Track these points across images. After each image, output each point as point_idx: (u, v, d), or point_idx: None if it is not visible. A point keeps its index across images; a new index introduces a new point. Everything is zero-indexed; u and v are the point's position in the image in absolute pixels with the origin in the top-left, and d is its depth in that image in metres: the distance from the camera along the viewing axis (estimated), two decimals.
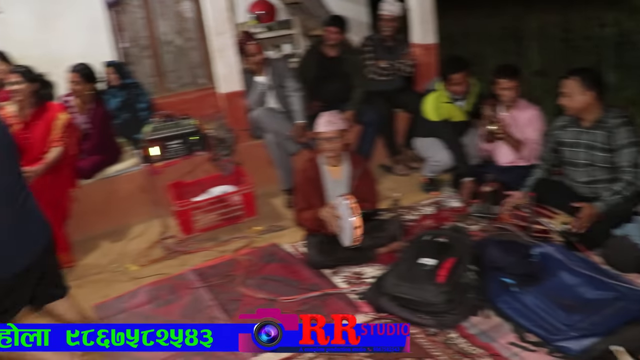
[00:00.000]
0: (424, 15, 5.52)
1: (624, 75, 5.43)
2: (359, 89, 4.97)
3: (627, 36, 5.32)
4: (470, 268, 2.86)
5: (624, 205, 3.33)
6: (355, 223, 3.13)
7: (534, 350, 2.58)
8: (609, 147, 3.44)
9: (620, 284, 2.76)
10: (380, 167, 5.22)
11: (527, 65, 6.61)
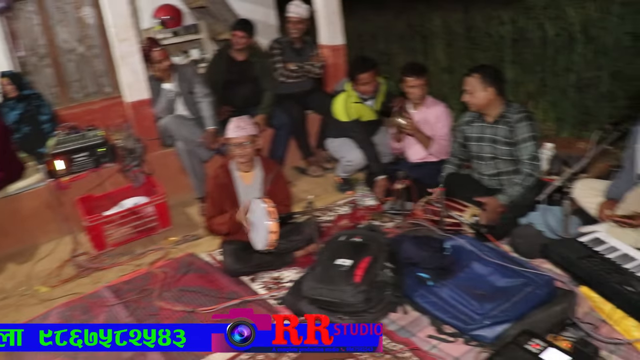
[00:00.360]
0: (331, 17, 5.56)
1: (522, 71, 5.67)
2: (269, 92, 4.96)
3: (523, 34, 5.55)
4: (386, 266, 2.88)
5: (527, 195, 3.49)
6: (271, 227, 3.10)
7: (452, 341, 2.66)
8: (511, 140, 3.59)
9: (527, 270, 2.86)
10: (294, 169, 5.23)
11: (434, 63, 6.80)
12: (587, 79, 5.06)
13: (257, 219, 3.24)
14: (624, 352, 2.46)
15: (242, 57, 4.98)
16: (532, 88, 5.58)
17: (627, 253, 2.82)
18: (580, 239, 2.97)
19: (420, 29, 7.01)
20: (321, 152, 5.18)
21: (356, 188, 4.66)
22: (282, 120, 4.97)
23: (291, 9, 5.11)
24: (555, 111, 5.41)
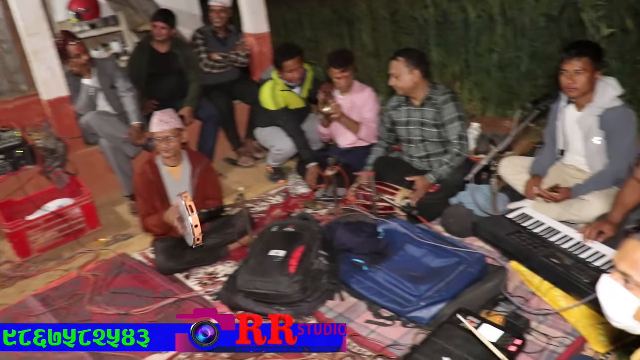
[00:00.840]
0: (255, 5, 5.47)
1: (447, 53, 5.77)
2: (195, 84, 4.84)
3: (446, 16, 5.64)
4: (320, 254, 2.87)
5: (456, 176, 3.55)
6: (193, 222, 3.02)
7: (390, 325, 2.68)
8: (439, 122, 3.65)
9: (460, 250, 2.92)
10: (225, 161, 5.15)
11: (361, 48, 6.82)
12: (508, 59, 5.19)
13: (184, 216, 3.16)
14: (552, 322, 2.55)
15: (164, 49, 4.84)
16: (457, 69, 5.69)
17: (552, 226, 2.92)
18: (508, 216, 3.06)
19: (346, 14, 7.02)
20: (251, 142, 5.11)
21: (288, 177, 4.62)
22: (209, 111, 4.87)
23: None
24: (480, 91, 5.53)
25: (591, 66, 3.03)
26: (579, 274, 2.48)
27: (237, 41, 5.20)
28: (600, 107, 3.10)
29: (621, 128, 3.06)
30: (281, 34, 7.98)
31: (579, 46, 3.08)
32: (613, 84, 3.13)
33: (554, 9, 4.70)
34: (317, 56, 7.23)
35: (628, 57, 4.45)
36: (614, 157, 3.12)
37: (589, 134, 3.19)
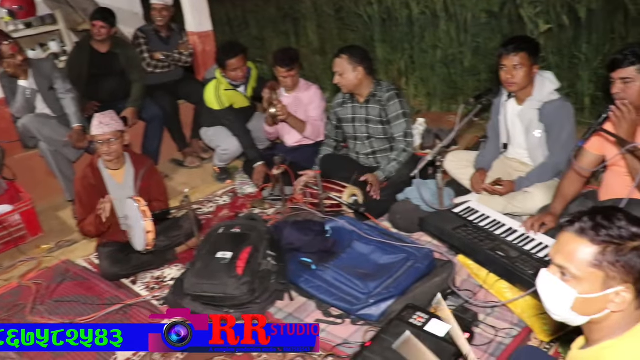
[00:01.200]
0: (197, 3, 5.39)
1: (392, 49, 5.82)
2: (138, 84, 4.73)
3: (390, 13, 5.69)
4: (268, 254, 2.85)
5: (403, 171, 3.58)
6: (146, 227, 2.95)
7: (339, 323, 2.67)
8: (384, 119, 3.66)
9: (407, 245, 2.94)
10: (171, 162, 5.06)
11: (306, 45, 6.82)
12: (452, 55, 5.27)
13: (133, 220, 3.08)
14: (499, 314, 2.59)
15: (105, 49, 4.71)
16: (402, 65, 5.74)
17: (496, 219, 2.97)
18: (454, 210, 3.10)
19: (291, 12, 7.00)
20: (197, 142, 5.05)
21: (235, 177, 4.58)
22: (153, 112, 4.78)
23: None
24: (425, 87, 5.60)
25: (529, 61, 3.10)
26: (523, 265, 2.53)
27: (180, 40, 5.11)
28: (539, 100, 3.17)
29: (559, 121, 3.14)
30: (226, 32, 7.90)
31: (516, 41, 3.15)
32: (550, 78, 3.21)
33: (495, 5, 4.80)
34: (263, 54, 7.19)
35: (565, 52, 4.58)
36: (553, 149, 3.20)
37: (529, 127, 3.26)
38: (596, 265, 1.28)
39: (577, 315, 1.35)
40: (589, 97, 4.54)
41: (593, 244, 1.28)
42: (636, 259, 1.26)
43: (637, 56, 2.40)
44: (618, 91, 2.47)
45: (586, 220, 1.31)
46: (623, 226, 1.28)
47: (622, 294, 1.28)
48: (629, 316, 1.32)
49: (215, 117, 4.35)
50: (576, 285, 1.32)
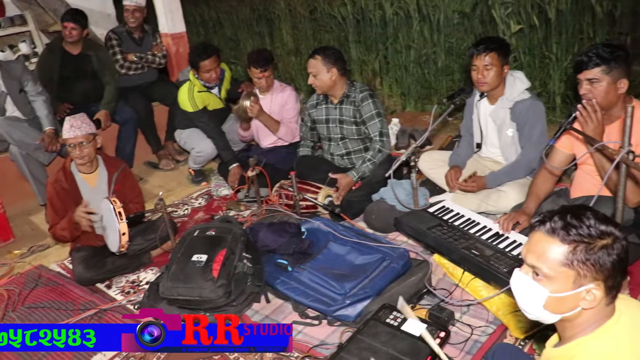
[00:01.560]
0: (170, 4, 5.37)
1: (366, 50, 5.84)
2: (110, 86, 4.68)
3: (364, 13, 5.71)
4: (244, 256, 2.83)
5: (377, 172, 3.59)
6: (121, 229, 2.92)
7: (316, 324, 2.66)
8: (358, 120, 3.67)
9: (383, 245, 2.95)
10: (145, 164, 5.03)
11: (281, 46, 6.82)
12: (425, 55, 5.30)
13: (108, 221, 3.05)
14: (474, 312, 2.61)
15: (76, 50, 4.66)
16: (376, 66, 5.77)
17: (471, 218, 2.99)
18: (429, 210, 3.11)
19: (265, 13, 7.00)
20: (171, 144, 5.02)
21: (210, 179, 4.56)
22: (127, 114, 4.74)
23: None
24: (399, 87, 5.64)
25: (499, 61, 3.15)
26: (498, 263, 2.55)
27: (154, 41, 5.07)
28: (511, 99, 3.22)
29: (531, 119, 3.19)
30: (200, 33, 7.88)
31: (486, 42, 3.19)
32: (521, 77, 3.26)
33: (467, 6, 4.85)
34: (237, 55, 7.19)
35: (536, 52, 4.64)
36: (525, 147, 3.24)
37: (502, 126, 3.30)
38: (567, 265, 1.30)
39: (550, 314, 1.37)
40: (560, 96, 4.62)
41: (564, 244, 1.30)
42: (606, 256, 1.28)
43: (601, 57, 2.44)
44: (585, 92, 2.52)
45: (557, 220, 1.33)
46: (592, 225, 1.30)
47: (593, 291, 1.30)
48: (599, 312, 1.34)
49: (189, 119, 4.32)
50: (548, 285, 1.34)
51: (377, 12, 5.58)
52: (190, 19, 7.88)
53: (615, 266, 1.29)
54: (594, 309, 1.33)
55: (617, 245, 1.29)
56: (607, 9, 4.58)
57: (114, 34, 4.96)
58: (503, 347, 2.16)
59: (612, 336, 1.32)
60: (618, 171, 2.04)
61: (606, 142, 2.34)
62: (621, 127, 1.97)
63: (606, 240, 1.28)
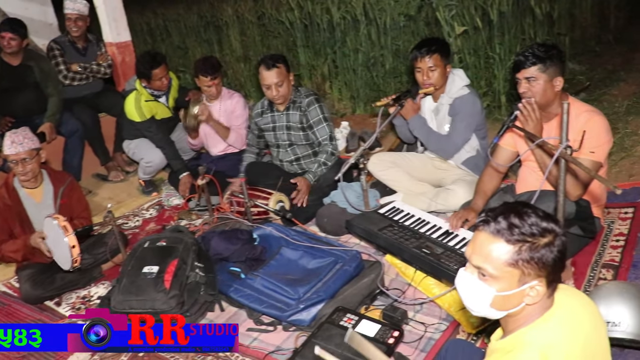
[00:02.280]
0: (114, 12, 5.27)
1: (315, 55, 5.86)
2: (54, 97, 4.55)
3: (312, 18, 5.73)
4: (196, 265, 2.80)
5: (328, 175, 3.61)
6: (70, 242, 2.86)
7: (271, 330, 2.65)
8: (305, 125, 3.68)
9: (335, 248, 2.96)
10: (94, 177, 4.92)
11: (230, 53, 6.78)
12: (373, 57, 5.35)
13: (55, 239, 2.97)
14: (427, 310, 2.64)
15: (16, 61, 4.51)
16: (325, 70, 5.79)
17: (421, 217, 3.03)
18: (379, 211, 3.14)
19: (213, 20, 6.95)
20: (120, 155, 4.92)
21: (161, 189, 4.51)
22: (72, 126, 4.61)
23: (67, 5, 4.71)
24: (349, 90, 5.68)
25: (442, 61, 3.24)
26: (448, 261, 2.59)
27: (98, 51, 4.97)
28: (450, 96, 3.31)
29: (463, 111, 3.29)
30: (147, 41, 7.77)
31: (428, 44, 3.26)
32: (460, 75, 3.35)
33: (412, 9, 4.91)
34: (186, 63, 7.11)
35: (481, 53, 4.74)
36: (450, 133, 3.34)
37: (442, 122, 3.39)
38: (513, 264, 1.32)
39: (496, 311, 1.40)
40: (504, 94, 4.73)
41: (509, 244, 1.32)
42: (548, 253, 1.31)
43: (537, 57, 2.52)
44: (524, 90, 2.59)
45: (500, 220, 1.34)
46: (534, 223, 1.32)
47: (536, 287, 1.33)
48: (541, 305, 1.38)
49: (137, 129, 4.25)
50: (494, 284, 1.36)
51: (325, 17, 5.60)
52: (137, 27, 7.77)
53: (557, 262, 1.32)
54: (536, 303, 1.36)
55: (557, 241, 1.32)
56: (546, 10, 4.73)
57: (56, 43, 4.82)
58: (455, 342, 2.18)
59: (549, 326, 1.36)
60: (558, 166, 2.10)
61: (546, 138, 2.41)
62: (559, 123, 2.02)
63: (548, 237, 1.32)
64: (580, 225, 2.60)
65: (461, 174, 3.44)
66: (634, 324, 2.04)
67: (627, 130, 3.93)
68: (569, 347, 1.33)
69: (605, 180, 1.86)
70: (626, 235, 2.91)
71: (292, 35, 6.03)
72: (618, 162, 3.63)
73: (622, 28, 6.72)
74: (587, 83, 5.05)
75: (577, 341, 1.35)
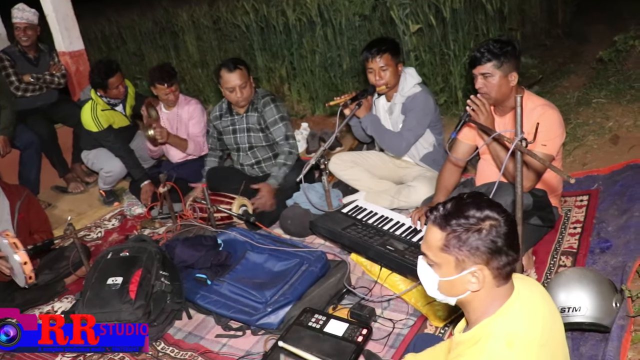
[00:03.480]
0: (65, 21, 5.17)
1: (272, 57, 5.86)
2: (6, 110, 4.42)
3: (267, 21, 5.72)
4: (161, 274, 2.76)
5: (290, 177, 3.61)
6: (21, 259, 2.79)
7: (240, 336, 2.64)
8: (263, 126, 3.67)
9: (300, 250, 2.97)
10: (53, 189, 4.82)
11: (186, 58, 6.73)
12: (330, 58, 5.38)
13: (9, 257, 2.90)
14: (395, 306, 2.67)
15: None
16: (283, 72, 5.79)
17: (384, 215, 3.06)
18: (343, 210, 3.15)
19: (168, 25, 6.89)
20: (79, 166, 4.84)
21: (122, 198, 4.44)
22: (28, 138, 4.50)
23: (15, 14, 4.61)
24: (307, 91, 5.69)
25: (393, 60, 3.26)
26: (412, 257, 2.61)
27: (51, 60, 4.86)
28: (403, 95, 3.35)
29: (415, 108, 3.33)
30: (102, 49, 7.66)
31: (378, 44, 3.28)
32: (412, 73, 3.39)
33: (366, 8, 4.95)
34: (142, 70, 7.03)
35: (436, 50, 4.81)
36: (402, 129, 3.38)
37: (396, 121, 3.43)
38: (445, 250, 1.38)
39: (446, 297, 1.47)
40: (461, 90, 4.80)
41: (441, 231, 1.38)
42: (478, 241, 1.35)
43: (492, 53, 2.57)
44: (480, 86, 2.64)
45: (439, 209, 1.41)
46: (467, 212, 1.37)
47: (476, 274, 1.37)
48: (494, 294, 1.41)
49: (95, 139, 4.19)
50: (437, 270, 1.44)
51: (280, 19, 5.60)
52: (91, 35, 7.65)
53: (493, 250, 1.35)
54: (485, 291, 1.40)
55: (492, 230, 1.35)
56: (497, 6, 4.82)
57: (6, 54, 4.69)
58: (423, 337, 2.22)
59: (511, 315, 1.40)
60: (512, 158, 2.15)
61: (501, 131, 2.47)
62: (515, 117, 2.07)
63: (479, 225, 1.35)
64: (539, 215, 2.66)
65: (421, 171, 3.48)
66: (593, 308, 2.10)
67: (579, 120, 4.04)
68: (529, 333, 1.37)
69: (559, 170, 1.90)
70: (582, 222, 3.00)
71: (248, 39, 6.02)
72: (572, 151, 3.72)
73: (569, 22, 6.92)
74: (540, 76, 5.17)
75: (536, 327, 1.39)
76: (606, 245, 2.70)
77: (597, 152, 3.65)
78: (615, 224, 2.83)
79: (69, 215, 3.71)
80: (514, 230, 1.39)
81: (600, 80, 4.61)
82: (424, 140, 3.43)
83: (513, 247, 1.38)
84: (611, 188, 3.19)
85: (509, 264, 1.38)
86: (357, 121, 3.56)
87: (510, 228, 1.37)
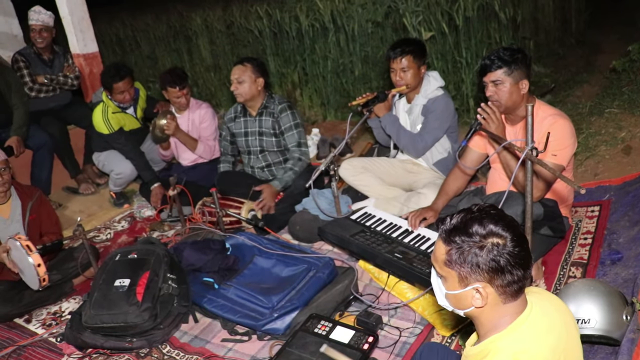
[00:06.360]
0: (80, 24, 5.20)
1: (285, 62, 5.88)
2: (21, 110, 4.46)
3: (281, 27, 5.74)
4: (168, 277, 2.77)
5: (299, 183, 3.61)
6: (35, 261, 2.81)
7: (246, 340, 2.64)
8: (277, 131, 3.68)
9: (308, 256, 2.96)
10: (64, 190, 4.85)
11: (200, 62, 6.76)
12: (342, 64, 5.38)
13: (21, 259, 2.92)
14: (402, 314, 2.66)
15: None
16: (295, 78, 5.80)
17: (393, 222, 3.04)
18: (351, 217, 3.14)
19: (182, 29, 6.93)
20: (90, 167, 4.87)
21: (132, 200, 4.46)
22: (40, 139, 4.54)
23: (32, 16, 4.65)
24: (319, 97, 5.70)
25: (415, 62, 3.27)
26: (420, 265, 2.59)
27: (65, 62, 4.90)
28: (425, 97, 3.36)
29: (436, 110, 3.33)
30: (117, 52, 7.72)
31: (402, 45, 3.29)
32: (435, 76, 3.40)
33: (379, 15, 4.95)
34: (155, 73, 7.07)
35: (449, 57, 4.80)
36: (421, 131, 3.38)
37: (415, 122, 3.42)
38: (448, 265, 1.37)
39: (454, 309, 1.46)
40: (472, 98, 4.79)
41: (445, 245, 1.37)
42: (479, 259, 1.32)
43: (502, 60, 2.56)
44: (491, 93, 2.62)
45: (447, 222, 1.39)
46: (471, 228, 1.33)
47: (480, 290, 1.35)
48: (502, 311, 1.38)
49: (106, 141, 4.22)
50: (444, 283, 1.42)
51: (294, 25, 5.62)
52: (106, 38, 7.71)
53: (494, 268, 1.31)
54: (490, 307, 1.37)
55: (494, 248, 1.31)
56: (510, 15, 4.81)
57: (21, 55, 4.74)
58: (430, 346, 2.19)
59: (521, 332, 1.37)
60: (522, 168, 2.13)
61: (512, 140, 2.45)
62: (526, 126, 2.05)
63: (481, 243, 1.32)
64: (550, 225, 2.64)
65: (432, 178, 3.47)
66: (602, 320, 2.08)
67: (591, 130, 4.01)
68: (540, 352, 1.35)
69: (569, 180, 1.88)
70: (593, 233, 2.97)
71: (261, 44, 6.04)
72: (583, 161, 3.70)
73: (583, 31, 6.89)
74: (552, 85, 5.15)
75: (547, 346, 1.36)
76: (617, 256, 2.68)
77: (609, 162, 3.62)
78: (627, 236, 2.81)
79: (79, 216, 3.72)
80: (521, 249, 1.33)
81: (613, 90, 4.58)
82: (439, 145, 3.42)
83: (520, 265, 1.32)
84: (623, 199, 3.16)
85: (515, 282, 1.33)
86: (378, 123, 3.57)
87: (517, 246, 1.32)
